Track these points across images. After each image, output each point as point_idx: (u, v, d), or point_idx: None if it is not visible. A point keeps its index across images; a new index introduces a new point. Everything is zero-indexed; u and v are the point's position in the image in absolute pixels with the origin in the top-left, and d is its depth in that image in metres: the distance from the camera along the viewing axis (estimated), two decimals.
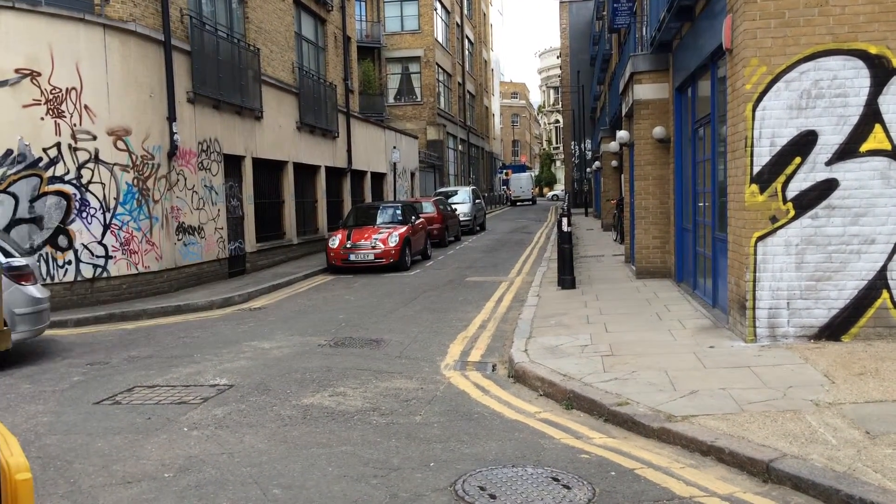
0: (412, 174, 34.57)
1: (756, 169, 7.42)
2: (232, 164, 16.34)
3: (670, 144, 12.64)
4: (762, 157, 7.41)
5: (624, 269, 15.13)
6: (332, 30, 23.59)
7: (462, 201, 29.51)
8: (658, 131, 12.76)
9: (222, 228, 15.59)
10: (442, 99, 45.60)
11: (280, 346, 9.07)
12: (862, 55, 7.19)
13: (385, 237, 17.07)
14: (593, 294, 11.70)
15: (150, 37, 13.12)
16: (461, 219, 27.63)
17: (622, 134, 14.82)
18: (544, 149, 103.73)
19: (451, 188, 33.29)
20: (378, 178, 28.63)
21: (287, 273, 16.52)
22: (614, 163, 24.41)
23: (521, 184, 66.49)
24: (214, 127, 15.40)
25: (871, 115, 7.20)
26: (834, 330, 7.35)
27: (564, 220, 12.59)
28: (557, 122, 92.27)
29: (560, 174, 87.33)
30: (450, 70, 47.84)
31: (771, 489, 4.30)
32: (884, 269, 7.27)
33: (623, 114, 15.92)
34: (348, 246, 16.92)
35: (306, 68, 21.19)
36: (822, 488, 4.07)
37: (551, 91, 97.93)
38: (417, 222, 19.37)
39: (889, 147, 7.20)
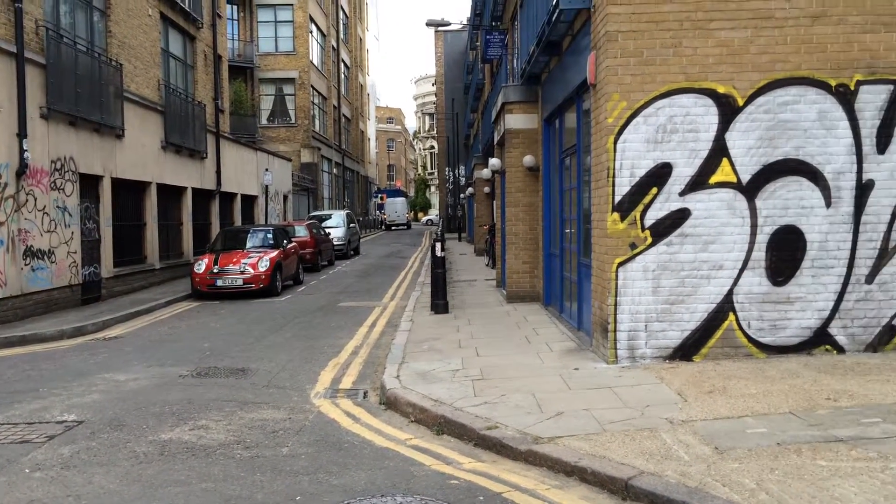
0: (285, 197, 33.93)
1: (617, 198, 7.78)
2: (89, 184, 15.40)
3: (539, 173, 13.06)
4: (623, 186, 7.77)
5: (495, 293, 15.43)
6: (201, 47, 22.87)
7: (336, 225, 29.22)
8: (528, 160, 13.16)
9: (76, 252, 14.63)
10: (317, 121, 45.18)
11: (137, 378, 8.55)
12: (711, 94, 7.72)
13: (255, 262, 16.59)
14: (466, 319, 11.83)
15: (1, 48, 12.21)
16: (335, 243, 27.34)
17: (494, 161, 15.19)
18: (419, 174, 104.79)
19: (326, 212, 32.92)
20: (249, 200, 27.88)
21: (148, 300, 15.69)
22: (487, 189, 24.97)
23: (396, 208, 66.83)
24: (70, 145, 14.48)
25: (720, 150, 7.73)
26: (687, 350, 7.77)
27: (438, 246, 12.70)
28: (432, 147, 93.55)
29: (435, 199, 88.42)
30: (325, 93, 47.53)
31: None
32: (730, 292, 7.77)
33: (495, 142, 16.33)
34: (215, 271, 16.31)
35: (173, 86, 20.39)
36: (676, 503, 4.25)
37: (426, 117, 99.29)
38: (289, 246, 18.97)
39: (735, 180, 7.74)
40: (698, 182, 7.75)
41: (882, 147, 7.71)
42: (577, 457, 5.06)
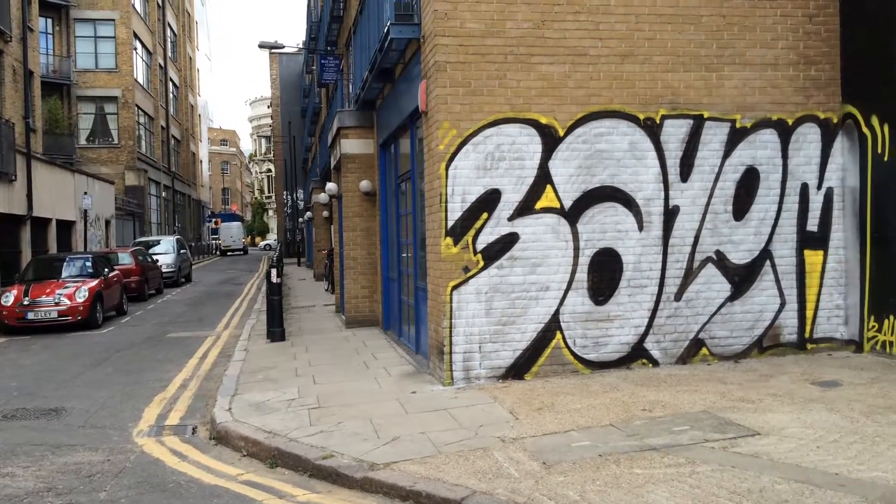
0: (107, 222, 31.84)
1: (450, 223, 7.98)
2: None
3: (376, 198, 13.14)
4: (455, 212, 7.98)
5: (335, 318, 15.27)
6: (10, 62, 21.09)
7: (165, 251, 27.79)
8: (365, 185, 13.20)
9: None
10: (143, 142, 42.89)
11: None
12: (535, 124, 8.14)
13: (72, 292, 15.39)
14: (303, 346, 11.61)
15: None
16: (164, 270, 25.97)
17: (331, 186, 15.10)
18: (256, 197, 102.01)
19: (154, 237, 31.21)
20: (66, 226, 25.90)
21: None
22: (325, 213, 24.74)
23: (232, 233, 64.61)
24: None
25: (544, 177, 8.15)
26: (518, 370, 8.07)
27: (273, 272, 12.40)
28: (269, 171, 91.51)
29: (273, 223, 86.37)
30: (152, 113, 45.27)
31: None
32: (557, 312, 8.17)
33: (332, 166, 16.25)
34: (26, 303, 14.97)
35: None
36: None
37: (263, 140, 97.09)
38: (111, 275, 17.81)
39: (558, 205, 8.18)
40: (525, 207, 8.12)
41: (685, 176, 8.45)
42: (413, 481, 5.09)
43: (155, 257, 25.39)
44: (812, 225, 8.72)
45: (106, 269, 17.63)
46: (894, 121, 8.03)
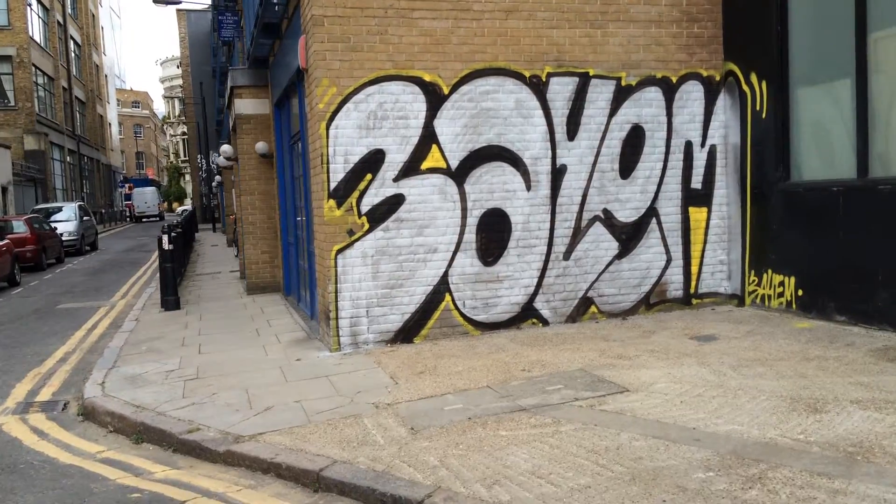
0: (3, 189, 30.14)
1: (333, 185, 7.73)
2: None
3: (273, 160, 12.72)
4: (338, 173, 7.74)
5: (238, 285, 14.87)
6: None
7: (67, 219, 26.54)
8: (261, 146, 12.76)
9: None
10: (43, 104, 40.65)
11: None
12: (419, 82, 7.92)
13: None
14: (197, 314, 11.24)
15: None
16: (65, 238, 24.85)
17: (226, 148, 14.58)
18: (172, 162, 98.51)
19: (55, 204, 29.71)
20: None
21: None
22: (234, 177, 23.99)
23: (146, 198, 62.43)
24: None
25: (429, 137, 7.96)
26: (407, 333, 7.96)
27: (165, 238, 11.89)
28: (185, 134, 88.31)
29: (190, 188, 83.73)
30: (51, 73, 42.86)
31: (319, 498, 4.41)
32: (446, 274, 8.07)
33: (231, 128, 15.66)
34: None
35: None
36: (362, 490, 4.27)
37: (176, 102, 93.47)
38: (1, 244, 16.84)
39: (445, 165, 8.03)
40: (411, 168, 7.94)
41: (572, 134, 8.41)
42: (275, 452, 4.92)
43: (54, 225, 24.20)
44: (696, 182, 8.84)
45: None
46: (772, 78, 8.16)
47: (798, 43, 8.02)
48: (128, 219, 59.79)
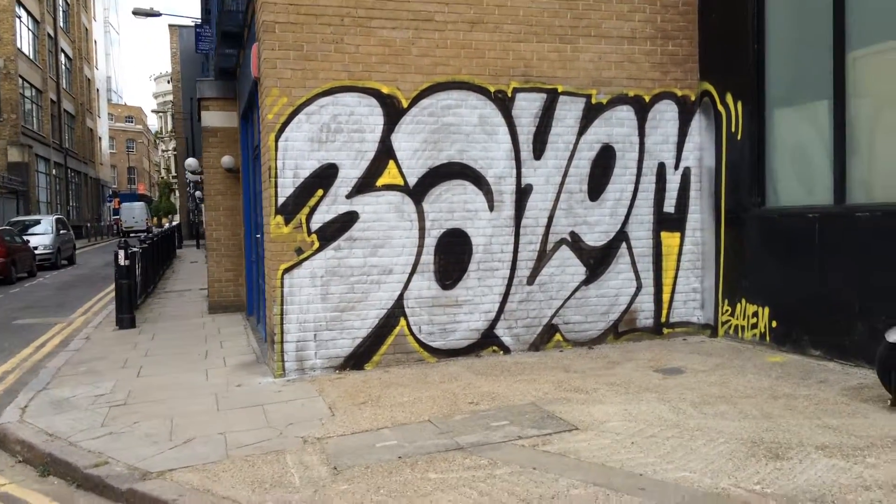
0: None
1: (281, 200, 7.29)
2: None
3: (239, 174, 12.29)
4: (286, 188, 7.30)
5: (203, 303, 14.33)
6: None
7: (44, 232, 25.97)
8: (226, 160, 12.33)
9: None
10: (30, 117, 40.25)
11: None
12: (376, 94, 7.51)
13: None
14: (151, 333, 10.73)
15: None
16: (41, 251, 24.31)
17: (190, 162, 14.17)
18: (163, 177, 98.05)
19: (33, 217, 29.15)
20: None
21: None
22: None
23: (134, 213, 61.81)
24: None
25: (386, 152, 7.54)
26: (358, 359, 7.48)
27: (121, 253, 11.41)
28: (176, 149, 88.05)
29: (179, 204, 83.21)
30: (39, 85, 42.50)
31: None
32: (401, 297, 7.61)
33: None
34: None
35: None
36: None
37: (169, 117, 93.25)
38: None
39: (402, 182, 7.60)
40: (365, 184, 7.51)
41: (538, 153, 8.00)
42: (179, 493, 4.43)
43: (28, 238, 23.67)
44: (669, 206, 8.43)
45: None
46: (747, 98, 7.78)
47: (775, 62, 7.65)
48: (118, 233, 59.13)
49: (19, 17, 39.07)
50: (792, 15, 7.51)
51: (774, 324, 7.44)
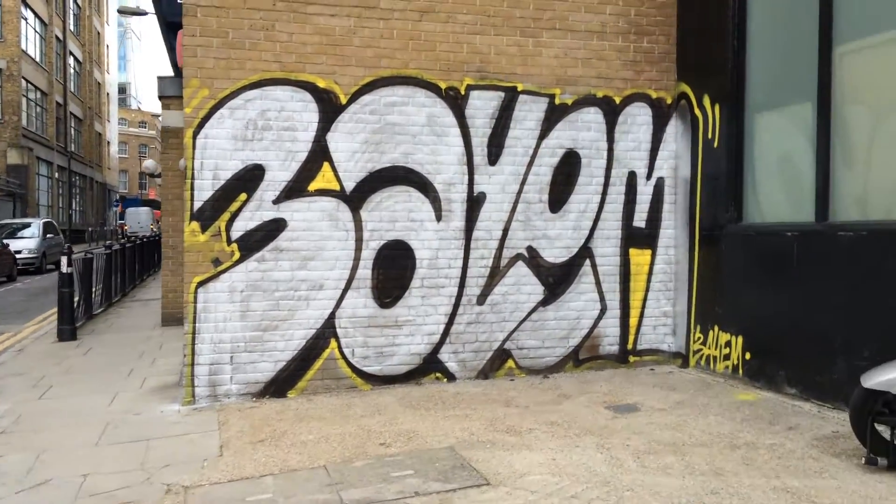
0: None
1: (198, 205, 6.52)
2: None
3: None
4: (204, 191, 6.53)
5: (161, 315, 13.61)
6: None
7: (31, 236, 25.44)
8: (183, 163, 11.56)
9: None
10: (33, 119, 39.94)
11: None
12: (310, 88, 6.73)
13: None
14: (89, 347, 9.96)
15: None
16: (24, 256, 23.75)
17: (148, 164, 13.45)
18: None
19: (21, 220, 28.64)
20: None
21: None
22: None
23: (140, 218, 61.47)
24: None
25: (321, 153, 6.76)
26: (280, 385, 6.66)
27: (64, 260, 10.68)
28: None
29: None
30: (45, 88, 42.23)
31: None
32: (332, 316, 6.80)
33: None
34: None
35: None
36: None
37: None
38: None
39: (338, 187, 6.80)
40: (296, 189, 6.71)
41: (494, 158, 7.18)
42: None
43: (8, 241, 23.10)
44: (640, 220, 7.57)
45: None
46: (725, 101, 6.93)
47: (757, 60, 6.80)
48: (123, 237, 58.85)
49: (25, 19, 38.83)
50: (776, 7, 6.66)
51: (748, 356, 6.54)
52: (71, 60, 49.61)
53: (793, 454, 4.64)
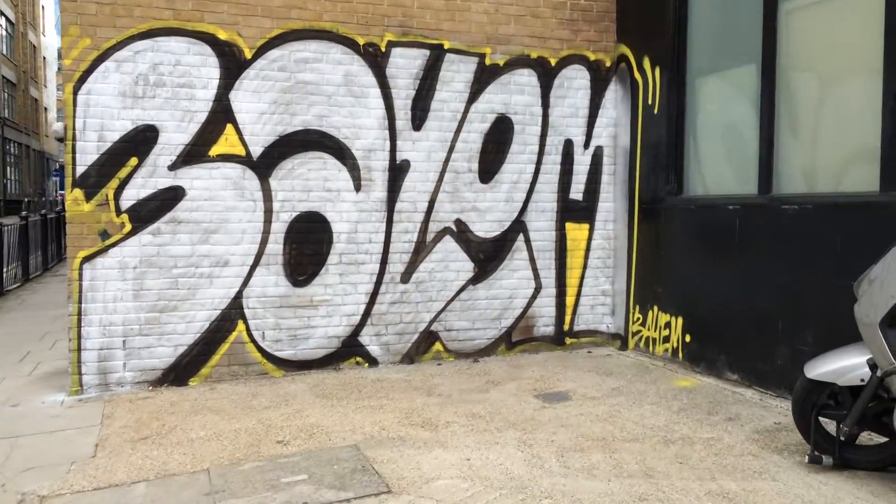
0: None
1: (81, 170, 5.78)
2: None
3: None
4: (88, 154, 5.79)
5: None
6: None
7: None
8: (61, 125, 10.67)
9: None
10: None
11: None
12: (210, 40, 6.01)
13: None
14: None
15: None
16: None
17: (58, 127, 12.43)
18: None
19: None
20: None
21: None
22: None
23: None
24: None
25: (223, 113, 6.06)
26: (181, 372, 6.02)
27: None
28: None
29: None
30: None
31: None
32: (239, 295, 6.16)
33: None
34: None
35: None
36: None
37: None
38: None
39: (244, 152, 6.13)
40: (195, 153, 6.02)
41: (418, 123, 6.57)
42: None
43: None
44: (577, 192, 7.07)
45: None
46: (665, 64, 6.43)
47: (699, 19, 6.30)
48: (62, 209, 56.68)
49: None
50: None
51: (688, 338, 6.12)
52: (2, 20, 47.09)
53: (731, 450, 4.20)
